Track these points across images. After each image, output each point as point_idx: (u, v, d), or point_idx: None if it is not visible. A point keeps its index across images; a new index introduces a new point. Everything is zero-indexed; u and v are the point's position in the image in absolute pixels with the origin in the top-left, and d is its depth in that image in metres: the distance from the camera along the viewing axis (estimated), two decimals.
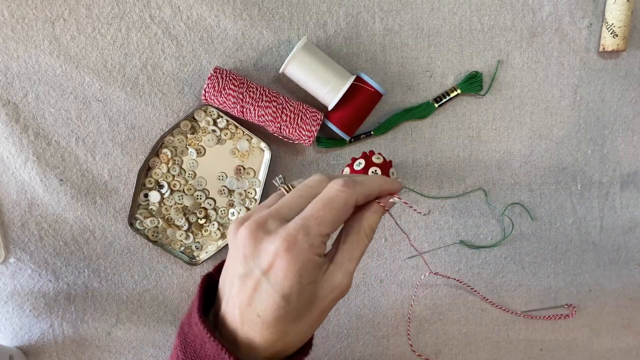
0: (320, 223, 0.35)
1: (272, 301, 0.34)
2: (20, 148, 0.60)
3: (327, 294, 0.36)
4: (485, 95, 0.65)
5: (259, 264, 0.34)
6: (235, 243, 0.36)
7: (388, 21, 0.63)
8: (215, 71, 0.58)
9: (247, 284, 0.35)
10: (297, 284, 0.34)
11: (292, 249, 0.33)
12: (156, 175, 0.62)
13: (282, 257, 0.33)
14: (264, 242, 0.34)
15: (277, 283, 0.34)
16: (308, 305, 0.35)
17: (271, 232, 0.35)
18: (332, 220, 0.35)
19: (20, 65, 0.59)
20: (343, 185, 0.36)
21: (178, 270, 0.63)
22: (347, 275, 0.37)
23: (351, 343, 0.66)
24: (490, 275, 0.67)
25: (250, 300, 0.34)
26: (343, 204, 0.36)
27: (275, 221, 0.35)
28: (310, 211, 0.35)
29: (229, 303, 0.36)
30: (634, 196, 0.69)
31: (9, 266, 0.61)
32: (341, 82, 0.59)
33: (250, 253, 0.35)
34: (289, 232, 0.34)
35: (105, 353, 0.63)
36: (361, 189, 0.37)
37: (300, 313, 0.35)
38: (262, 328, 0.35)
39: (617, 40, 0.63)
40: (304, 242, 0.34)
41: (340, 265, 0.37)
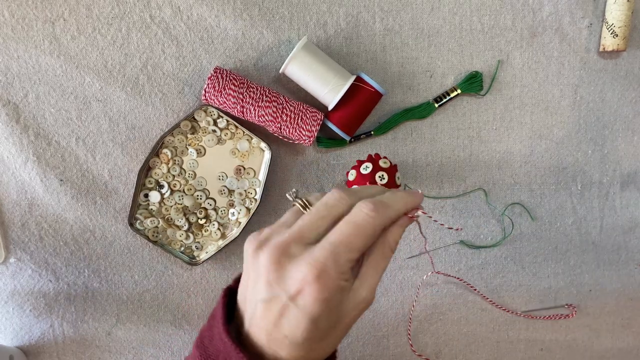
0: (350, 250, 0.34)
1: (301, 325, 0.34)
2: (20, 148, 0.60)
3: (352, 309, 0.36)
4: (485, 95, 0.65)
5: (286, 290, 0.34)
6: (256, 267, 0.35)
7: (388, 21, 0.63)
8: (216, 71, 0.58)
9: (272, 308, 0.34)
10: (326, 309, 0.34)
11: (322, 277, 0.33)
12: (156, 175, 0.62)
13: (311, 285, 0.33)
14: (290, 269, 0.34)
15: (305, 308, 0.33)
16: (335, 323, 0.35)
17: (296, 257, 0.34)
18: (361, 247, 0.35)
19: (21, 65, 0.59)
20: (373, 210, 0.35)
21: (178, 270, 0.63)
22: (372, 289, 0.36)
23: (351, 343, 0.66)
24: (490, 275, 0.67)
25: (277, 323, 0.34)
26: (372, 229, 0.35)
27: (298, 245, 0.35)
28: (339, 237, 0.34)
29: (252, 323, 0.36)
30: (634, 196, 0.69)
31: (9, 266, 0.61)
32: (341, 82, 0.59)
33: (274, 279, 0.34)
34: (317, 259, 0.33)
35: (105, 353, 0.63)
36: (390, 212, 0.36)
37: (327, 332, 0.35)
38: (290, 347, 0.34)
39: (617, 40, 0.63)
40: (333, 269, 0.33)
41: (364, 280, 0.36)
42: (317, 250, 0.34)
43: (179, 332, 0.64)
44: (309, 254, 0.34)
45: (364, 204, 0.35)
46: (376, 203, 0.35)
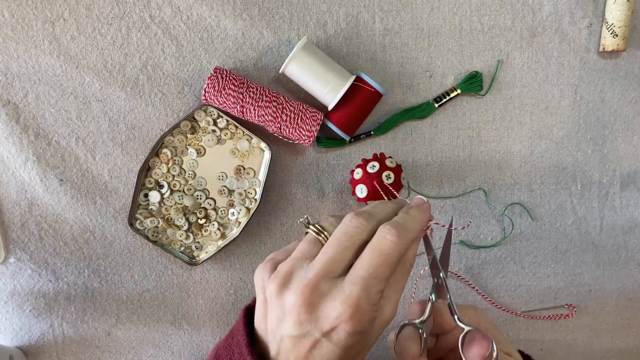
0: (379, 282, 0.34)
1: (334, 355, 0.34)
2: (20, 148, 0.60)
3: (379, 328, 0.36)
4: (485, 95, 0.65)
5: (319, 328, 0.34)
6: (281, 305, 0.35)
7: (388, 21, 0.63)
8: (215, 71, 0.58)
9: (303, 343, 0.34)
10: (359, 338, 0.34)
11: (357, 315, 0.33)
12: (156, 175, 0.62)
13: (346, 322, 0.33)
14: (322, 307, 0.34)
15: (340, 342, 0.33)
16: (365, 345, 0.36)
17: (327, 296, 0.34)
18: (389, 275, 0.35)
19: (20, 65, 0.59)
20: (396, 236, 0.35)
21: (178, 270, 0.63)
22: (395, 306, 0.37)
23: None
24: (490, 275, 0.67)
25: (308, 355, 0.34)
26: (398, 256, 0.35)
27: (327, 282, 0.34)
28: (367, 269, 0.34)
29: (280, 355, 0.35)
30: (634, 196, 0.69)
31: (9, 266, 0.61)
32: (341, 82, 0.59)
33: (306, 319, 0.34)
34: (349, 295, 0.33)
35: (105, 353, 0.63)
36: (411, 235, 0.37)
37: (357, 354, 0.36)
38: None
39: (617, 40, 0.63)
40: (367, 304, 0.33)
41: (389, 299, 0.36)
42: (349, 286, 0.34)
43: (178, 332, 0.64)
44: (340, 292, 0.33)
45: (386, 230, 0.35)
46: (398, 228, 0.35)
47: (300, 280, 0.34)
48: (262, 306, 0.37)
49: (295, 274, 0.35)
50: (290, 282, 0.35)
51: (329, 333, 0.34)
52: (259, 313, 0.37)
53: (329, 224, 0.38)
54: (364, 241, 0.36)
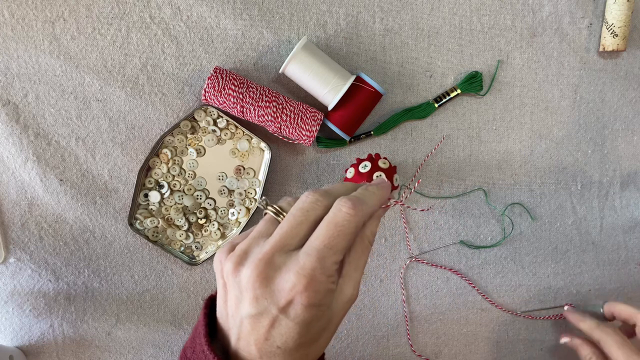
0: (334, 252, 0.34)
1: (293, 333, 0.33)
2: (20, 148, 0.60)
3: (341, 309, 0.36)
4: (485, 95, 0.65)
5: (276, 302, 0.33)
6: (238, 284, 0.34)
7: (388, 21, 0.63)
8: (215, 71, 0.58)
9: (261, 322, 0.34)
10: (317, 313, 0.33)
11: (311, 284, 0.32)
12: (156, 175, 0.62)
13: (301, 294, 0.32)
14: (277, 281, 0.33)
15: (297, 317, 0.33)
16: (325, 326, 0.35)
17: (282, 268, 0.33)
18: (344, 247, 0.35)
19: (20, 65, 0.59)
20: (352, 209, 0.34)
21: (178, 270, 0.63)
22: (356, 285, 0.36)
23: (351, 343, 0.66)
24: (490, 275, 0.67)
25: (268, 336, 0.34)
26: (354, 228, 0.35)
27: (281, 255, 0.34)
28: (322, 240, 0.34)
29: (240, 341, 0.35)
30: (634, 196, 0.69)
31: (9, 266, 0.61)
32: (341, 82, 0.59)
33: (262, 294, 0.33)
34: (303, 266, 0.33)
35: (105, 353, 0.63)
36: (367, 209, 0.36)
37: (319, 334, 0.35)
38: (284, 357, 0.34)
39: (617, 40, 0.63)
40: (322, 275, 0.33)
41: (348, 277, 0.36)
42: (303, 257, 0.33)
43: (178, 332, 0.64)
44: (294, 263, 0.33)
45: (342, 202, 0.35)
46: (354, 201, 0.35)
47: (255, 256, 0.34)
48: (222, 290, 0.37)
49: (251, 252, 0.35)
50: (246, 259, 0.34)
51: (285, 308, 0.33)
52: (220, 300, 0.37)
53: (287, 204, 0.38)
54: (320, 216, 0.35)
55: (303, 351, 0.35)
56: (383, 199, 0.39)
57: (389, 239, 0.66)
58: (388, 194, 0.40)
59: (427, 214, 0.66)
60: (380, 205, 0.39)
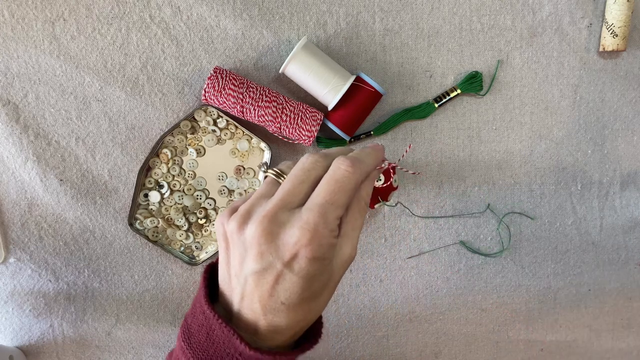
0: (336, 207, 0.35)
1: (297, 287, 0.34)
2: (20, 148, 0.60)
3: (340, 267, 0.37)
4: (485, 95, 0.65)
5: (280, 257, 0.34)
6: (242, 242, 0.35)
7: (388, 21, 0.63)
8: (215, 71, 0.58)
9: (266, 278, 0.35)
10: (320, 267, 0.35)
11: (315, 239, 0.34)
12: (156, 175, 0.62)
13: (306, 247, 0.34)
14: (282, 236, 0.34)
15: (301, 270, 0.34)
16: (327, 282, 0.36)
17: (285, 224, 0.34)
18: (345, 202, 0.36)
19: (20, 65, 0.59)
20: (350, 166, 0.36)
21: (178, 270, 0.63)
22: (355, 244, 0.37)
23: (351, 343, 0.66)
24: (490, 275, 0.67)
25: (272, 292, 0.35)
26: (353, 184, 0.36)
27: (285, 212, 0.35)
28: (324, 196, 0.35)
29: (244, 300, 0.36)
30: (634, 196, 0.69)
31: (9, 266, 0.61)
32: (341, 82, 0.59)
33: (267, 249, 0.34)
34: (307, 221, 0.34)
35: (105, 353, 0.63)
36: (364, 167, 0.38)
37: (320, 290, 0.36)
38: (288, 313, 0.35)
39: (617, 40, 0.63)
40: (325, 229, 0.34)
41: (347, 237, 0.37)
42: (306, 213, 0.34)
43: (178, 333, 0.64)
44: (298, 219, 0.34)
45: (341, 161, 0.36)
46: (352, 159, 0.37)
47: (259, 214, 0.35)
48: (224, 253, 0.38)
49: (254, 211, 0.36)
50: (250, 218, 0.36)
51: (290, 262, 0.34)
52: (222, 263, 0.38)
53: (286, 167, 0.40)
54: (320, 176, 0.37)
55: (306, 307, 0.36)
56: (378, 159, 0.40)
57: (389, 239, 0.66)
58: (382, 156, 0.41)
59: (426, 213, 0.66)
60: (375, 166, 0.40)
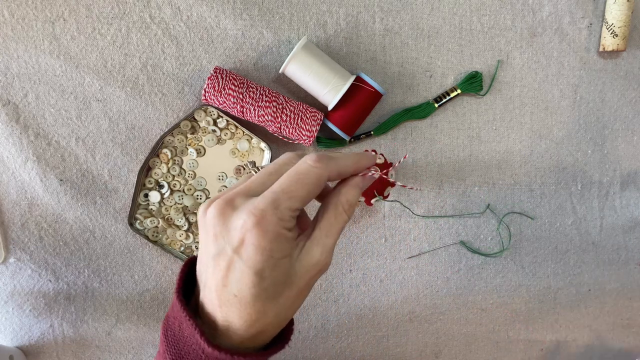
0: (290, 197, 0.34)
1: (247, 279, 0.33)
2: (20, 148, 0.60)
3: (305, 271, 0.35)
4: (485, 95, 0.65)
5: (230, 242, 0.34)
6: (205, 224, 0.35)
7: (388, 21, 0.63)
8: (215, 71, 0.58)
9: (220, 264, 0.34)
10: (269, 258, 0.33)
11: (261, 223, 0.33)
12: (156, 175, 0.62)
13: (251, 231, 0.33)
14: (233, 218, 0.34)
15: (249, 259, 0.33)
16: (285, 281, 0.35)
17: (239, 208, 0.34)
18: (302, 195, 0.35)
19: (20, 65, 0.59)
20: (315, 161, 0.35)
21: (178, 270, 0.63)
22: (326, 251, 0.36)
23: (351, 343, 0.66)
24: (490, 275, 0.67)
25: (225, 281, 0.34)
26: (315, 179, 0.35)
27: (243, 198, 0.35)
28: (280, 185, 0.34)
29: (206, 287, 0.36)
30: (634, 196, 0.69)
31: (9, 266, 0.61)
32: (341, 82, 0.59)
33: (219, 231, 0.34)
34: (256, 206, 0.33)
35: (105, 353, 0.63)
36: (334, 165, 0.36)
37: (277, 290, 0.35)
38: (240, 309, 0.34)
39: (617, 40, 0.63)
40: (273, 215, 0.33)
41: (317, 241, 0.36)
42: (258, 199, 0.34)
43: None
44: (250, 203, 0.34)
45: (309, 156, 0.36)
46: (320, 155, 0.36)
47: (220, 198, 0.35)
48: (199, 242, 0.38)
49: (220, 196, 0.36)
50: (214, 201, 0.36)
51: (238, 248, 0.33)
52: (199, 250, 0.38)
53: None
54: None
55: (260, 305, 0.34)
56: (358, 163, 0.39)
57: (389, 239, 0.66)
58: (367, 162, 0.39)
59: (426, 213, 0.66)
60: (354, 170, 0.39)
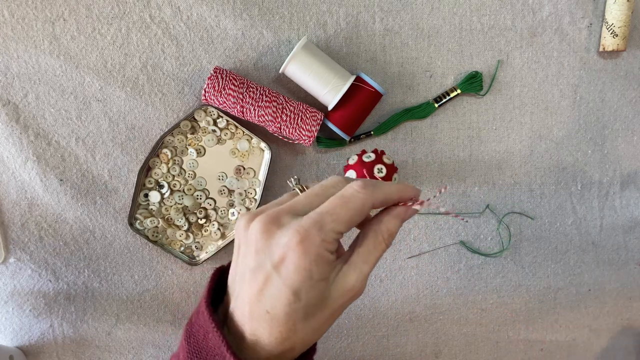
0: (334, 220, 0.34)
1: (282, 296, 0.33)
2: (20, 148, 0.60)
3: (340, 295, 0.36)
4: (485, 95, 0.65)
5: (271, 257, 0.34)
6: (247, 238, 0.36)
7: (388, 21, 0.63)
8: (215, 71, 0.58)
9: (257, 278, 0.34)
10: (307, 279, 0.34)
11: (304, 242, 0.33)
12: (156, 175, 0.62)
13: (293, 250, 0.33)
14: (277, 235, 0.34)
15: (288, 277, 0.33)
16: (319, 304, 0.35)
17: (284, 226, 0.34)
18: (346, 220, 0.35)
19: (20, 65, 0.59)
20: (362, 187, 0.36)
21: (178, 270, 0.63)
22: (361, 277, 0.36)
23: (351, 343, 0.66)
24: (490, 275, 0.67)
25: (260, 296, 0.34)
26: (360, 204, 0.35)
27: (288, 216, 0.35)
28: (326, 208, 0.35)
29: (238, 299, 0.36)
30: (634, 196, 0.69)
31: (9, 266, 0.61)
32: (341, 82, 0.59)
33: (262, 246, 0.34)
34: (302, 225, 0.34)
35: (105, 353, 0.63)
36: (379, 193, 0.37)
37: (310, 311, 0.35)
38: (271, 325, 0.34)
39: (617, 40, 0.63)
40: (317, 236, 0.33)
41: (354, 266, 0.36)
42: (304, 218, 0.34)
43: (178, 332, 0.64)
44: (296, 223, 0.34)
45: (355, 182, 0.36)
46: (366, 182, 0.36)
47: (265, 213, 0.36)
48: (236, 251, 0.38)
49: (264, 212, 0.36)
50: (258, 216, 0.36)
51: (278, 265, 0.34)
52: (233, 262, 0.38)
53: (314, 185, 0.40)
54: None
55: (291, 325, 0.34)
56: (403, 194, 0.39)
57: None
58: (412, 194, 0.39)
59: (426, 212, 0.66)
60: (397, 199, 0.38)
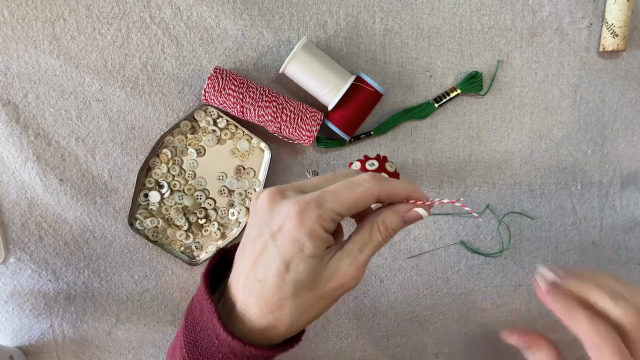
0: (335, 200, 0.35)
1: (274, 265, 0.35)
2: (20, 148, 0.60)
3: (330, 279, 0.36)
4: (485, 95, 0.65)
5: (270, 226, 0.35)
6: (255, 208, 0.37)
7: (388, 21, 0.63)
8: (215, 71, 0.58)
9: (256, 246, 0.36)
10: (299, 251, 0.35)
11: (302, 214, 0.34)
12: (156, 175, 0.62)
13: (291, 220, 0.34)
14: (280, 205, 0.35)
15: (282, 246, 0.35)
16: (308, 283, 0.35)
17: (288, 199, 0.36)
18: (347, 203, 0.35)
19: (20, 65, 0.59)
20: (370, 177, 0.37)
21: (178, 270, 0.63)
22: (355, 266, 0.36)
23: (351, 343, 0.66)
24: (490, 275, 0.67)
25: (255, 264, 0.35)
26: (364, 192, 0.36)
27: (294, 191, 0.36)
28: (331, 188, 0.36)
29: (237, 269, 0.37)
30: (634, 196, 0.69)
31: (9, 266, 0.61)
32: (341, 82, 0.59)
33: (264, 216, 0.36)
34: (303, 198, 0.35)
35: (105, 353, 0.63)
36: (386, 186, 0.37)
37: (298, 288, 0.35)
38: (260, 295, 0.35)
39: (617, 40, 0.63)
40: (314, 211, 0.34)
41: (348, 253, 0.37)
42: (308, 194, 0.36)
43: None
44: (299, 196, 0.35)
45: (366, 173, 0.38)
46: (375, 174, 0.37)
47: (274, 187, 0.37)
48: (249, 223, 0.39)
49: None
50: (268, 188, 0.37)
51: (276, 234, 0.35)
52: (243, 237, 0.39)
53: None
54: None
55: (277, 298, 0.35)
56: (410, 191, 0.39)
57: None
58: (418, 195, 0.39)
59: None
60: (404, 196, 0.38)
